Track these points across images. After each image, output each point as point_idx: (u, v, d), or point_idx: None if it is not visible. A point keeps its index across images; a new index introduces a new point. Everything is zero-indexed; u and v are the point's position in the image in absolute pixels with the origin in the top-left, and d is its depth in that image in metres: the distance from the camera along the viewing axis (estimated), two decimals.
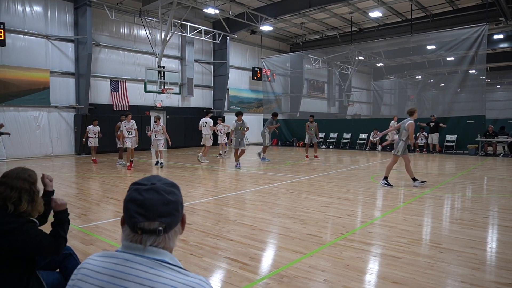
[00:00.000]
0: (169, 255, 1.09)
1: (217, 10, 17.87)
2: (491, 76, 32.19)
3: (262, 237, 4.71)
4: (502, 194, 7.40)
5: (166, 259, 1.07)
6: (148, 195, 1.07)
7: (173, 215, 1.10)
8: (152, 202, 1.06)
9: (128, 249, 1.08)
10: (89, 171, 11.52)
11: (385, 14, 21.21)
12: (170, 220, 1.08)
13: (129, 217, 1.08)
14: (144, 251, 1.07)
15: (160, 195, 1.08)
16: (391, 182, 8.37)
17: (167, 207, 1.08)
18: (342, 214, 5.82)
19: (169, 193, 1.10)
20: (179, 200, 1.13)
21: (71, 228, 5.10)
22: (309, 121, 14.83)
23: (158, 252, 1.07)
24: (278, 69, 25.38)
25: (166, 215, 1.08)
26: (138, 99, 18.91)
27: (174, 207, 1.10)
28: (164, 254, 1.08)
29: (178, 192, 1.15)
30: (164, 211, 1.07)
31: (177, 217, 1.12)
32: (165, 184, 1.12)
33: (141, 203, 1.06)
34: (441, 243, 4.36)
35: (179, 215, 1.13)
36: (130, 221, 1.07)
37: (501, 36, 23.22)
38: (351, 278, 3.39)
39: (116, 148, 17.75)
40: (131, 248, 1.08)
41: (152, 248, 1.07)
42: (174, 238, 1.13)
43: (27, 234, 2.14)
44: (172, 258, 1.09)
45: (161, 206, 1.07)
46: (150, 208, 1.06)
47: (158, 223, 1.06)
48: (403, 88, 33.85)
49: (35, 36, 15.25)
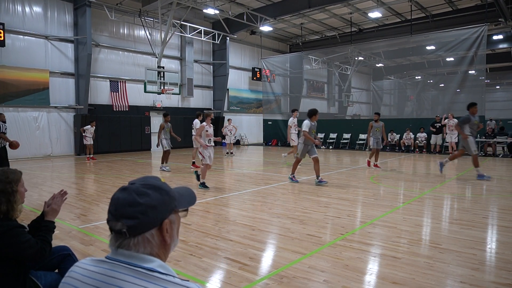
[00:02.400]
0: (157, 262, 1.03)
1: (216, 10, 17.88)
2: (491, 76, 32.23)
3: (261, 238, 4.71)
4: (501, 195, 7.40)
5: (153, 266, 1.01)
6: (120, 194, 1.05)
7: (137, 218, 1.01)
8: (119, 202, 1.03)
9: (114, 254, 1.05)
10: (89, 171, 11.51)
11: (384, 15, 21.23)
12: (133, 223, 1.01)
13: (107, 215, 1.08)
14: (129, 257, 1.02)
15: (129, 195, 1.03)
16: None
17: (132, 209, 1.01)
18: (342, 214, 5.82)
19: (140, 195, 1.03)
20: (150, 204, 1.03)
21: (71, 228, 5.11)
22: (374, 120, 11.77)
23: (144, 259, 1.02)
24: (278, 69, 25.39)
25: (129, 217, 1.01)
26: (138, 99, 18.90)
27: (140, 209, 1.02)
28: (151, 261, 1.02)
29: (158, 195, 1.05)
30: (128, 213, 1.01)
31: (144, 221, 1.02)
32: (142, 185, 1.06)
33: (113, 202, 1.05)
34: (440, 243, 4.37)
35: (149, 219, 1.03)
36: (106, 219, 1.08)
37: (501, 37, 23.26)
38: (351, 278, 3.39)
39: (118, 149, 17.93)
40: (112, 252, 1.05)
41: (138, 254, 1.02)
42: (146, 245, 1.03)
43: (15, 239, 2.14)
44: (161, 265, 1.03)
45: (126, 206, 1.02)
46: (117, 207, 1.03)
47: (121, 224, 1.01)
48: (402, 89, 33.87)
49: (35, 36, 15.25)
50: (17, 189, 2.31)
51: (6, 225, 2.16)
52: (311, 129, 8.56)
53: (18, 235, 2.19)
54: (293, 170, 9.05)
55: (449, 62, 25.70)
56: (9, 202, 2.24)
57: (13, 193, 2.27)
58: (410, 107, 30.30)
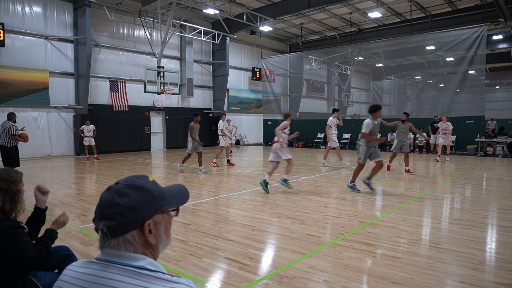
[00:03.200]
0: (147, 260, 1.02)
1: (216, 10, 17.87)
2: (490, 76, 32.25)
3: (261, 238, 4.71)
4: (501, 195, 7.40)
5: (144, 264, 1.01)
6: (104, 194, 1.05)
7: (115, 219, 1.00)
8: (101, 202, 1.04)
9: (104, 255, 1.04)
10: (89, 171, 11.51)
11: (384, 15, 21.23)
12: (111, 224, 1.00)
13: None
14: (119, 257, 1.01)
15: (110, 196, 1.03)
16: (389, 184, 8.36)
17: (111, 210, 1.01)
18: (342, 214, 5.82)
19: (121, 195, 1.02)
20: (129, 205, 1.01)
21: (70, 228, 5.11)
22: (401, 120, 10.47)
23: (132, 258, 1.01)
24: (278, 69, 25.38)
25: (108, 218, 1.01)
26: (138, 99, 18.90)
27: (118, 211, 1.00)
28: (140, 259, 1.02)
29: (139, 196, 1.03)
30: (107, 213, 1.01)
31: (122, 223, 1.00)
32: (125, 186, 1.04)
33: (99, 202, 1.06)
34: (440, 243, 4.37)
35: (127, 221, 1.01)
36: None
37: (500, 37, 23.27)
38: (351, 278, 3.39)
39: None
40: (104, 254, 1.04)
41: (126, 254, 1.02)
42: (127, 246, 1.02)
43: (14, 239, 2.15)
44: (151, 263, 1.03)
45: (106, 207, 1.02)
46: (99, 208, 1.04)
47: (102, 224, 1.02)
48: (402, 89, 33.88)
49: (35, 36, 15.24)
50: (20, 189, 2.34)
51: (6, 225, 2.17)
52: (373, 129, 7.41)
53: (18, 236, 2.19)
54: (353, 177, 7.72)
55: (449, 62, 25.71)
56: (13, 201, 2.27)
57: (17, 192, 2.30)
58: (410, 107, 30.32)
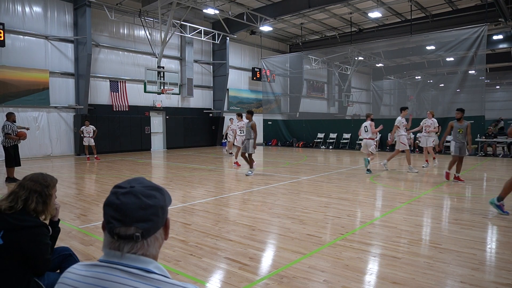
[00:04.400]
0: (154, 263, 1.03)
1: (216, 10, 17.87)
2: (491, 76, 32.22)
3: (261, 238, 4.71)
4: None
5: (150, 267, 1.01)
6: (125, 199, 1.02)
7: (151, 220, 1.02)
8: (128, 207, 1.00)
9: (108, 257, 1.03)
10: (89, 171, 11.51)
11: (384, 15, 21.22)
12: (147, 226, 1.02)
13: (106, 222, 1.03)
14: (122, 258, 1.01)
15: (138, 199, 1.02)
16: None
17: (145, 212, 1.01)
18: (342, 214, 5.82)
19: (148, 197, 1.03)
20: (159, 205, 1.05)
21: (71, 228, 5.12)
22: (455, 119, 8.76)
23: (140, 260, 1.01)
24: (278, 69, 25.39)
25: (143, 220, 1.01)
26: (138, 99, 18.90)
27: (152, 211, 1.03)
28: (147, 262, 1.02)
29: (161, 195, 1.07)
30: (141, 216, 1.01)
31: (157, 223, 1.04)
32: (145, 187, 1.06)
33: (117, 208, 1.01)
34: (440, 243, 4.37)
35: (159, 220, 1.05)
36: (107, 227, 1.02)
37: (501, 37, 23.24)
38: (351, 278, 3.39)
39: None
40: (110, 255, 1.02)
41: (132, 256, 1.01)
42: (155, 244, 1.05)
43: (39, 237, 2.27)
44: (157, 266, 1.03)
45: (138, 210, 1.01)
46: (126, 213, 1.00)
47: (134, 228, 1.00)
48: (402, 89, 33.85)
49: (35, 36, 15.24)
50: (52, 193, 2.47)
51: (34, 221, 2.30)
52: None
53: (43, 235, 2.32)
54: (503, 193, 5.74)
55: (449, 62, 25.70)
56: (45, 204, 2.39)
57: (49, 196, 2.43)
58: (410, 107, 30.17)
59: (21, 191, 2.34)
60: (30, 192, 2.34)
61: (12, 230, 2.18)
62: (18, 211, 2.26)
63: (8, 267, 2.15)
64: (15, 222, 2.21)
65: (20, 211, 2.27)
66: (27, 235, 2.22)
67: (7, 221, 2.20)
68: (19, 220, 2.22)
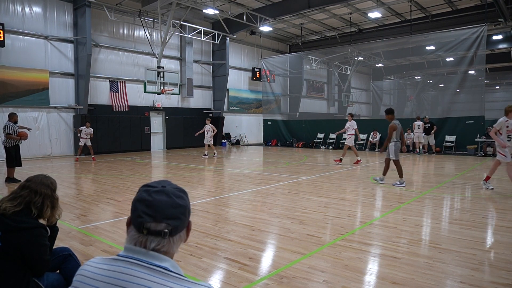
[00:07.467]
0: (171, 262, 1.08)
1: (216, 10, 17.87)
2: (490, 76, 32.24)
3: (261, 238, 4.71)
4: (501, 195, 7.40)
5: (167, 265, 1.05)
6: (157, 196, 1.09)
7: (180, 219, 1.10)
8: (161, 204, 1.08)
9: (130, 252, 1.07)
10: (89, 171, 11.51)
11: (384, 15, 21.23)
12: (176, 224, 1.09)
13: (136, 217, 1.08)
14: (145, 255, 1.06)
15: (170, 198, 1.09)
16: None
17: (175, 210, 1.09)
18: (342, 214, 5.82)
19: (178, 197, 1.11)
20: (187, 205, 1.14)
21: (70, 228, 5.11)
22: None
23: (159, 258, 1.06)
24: (278, 69, 25.39)
25: (173, 218, 1.08)
26: (138, 99, 18.90)
27: (181, 211, 1.11)
28: (165, 260, 1.07)
29: (187, 198, 1.16)
30: (172, 214, 1.08)
31: (184, 222, 1.12)
32: (175, 188, 1.14)
33: (149, 204, 1.07)
34: (440, 243, 4.37)
35: (186, 220, 1.14)
36: (137, 221, 1.07)
37: (500, 37, 23.27)
38: (351, 278, 3.39)
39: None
40: (134, 251, 1.07)
41: (154, 253, 1.06)
42: (178, 243, 1.13)
43: (38, 238, 2.25)
44: (174, 265, 1.08)
45: (169, 208, 1.08)
46: (158, 209, 1.07)
47: (165, 225, 1.07)
48: (402, 89, 33.88)
49: (35, 36, 15.24)
50: (58, 196, 2.47)
51: (33, 223, 2.27)
52: None
53: (41, 236, 2.29)
54: None
55: (448, 62, 25.72)
56: (52, 208, 2.39)
57: (57, 200, 2.44)
58: (410, 108, 30.30)
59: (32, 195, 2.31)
60: (44, 197, 2.34)
61: (10, 231, 2.17)
62: (17, 213, 2.24)
63: (7, 268, 2.14)
64: (14, 223, 2.19)
65: (19, 212, 2.25)
66: (25, 236, 2.20)
67: (5, 223, 2.18)
68: (17, 221, 2.20)
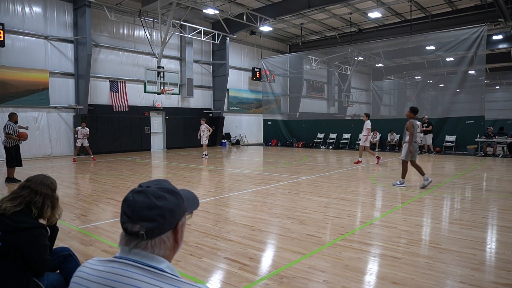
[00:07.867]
0: (166, 263, 1.05)
1: (216, 10, 17.87)
2: (490, 76, 32.23)
3: (261, 238, 4.71)
4: (501, 195, 7.40)
5: (162, 267, 1.03)
6: (137, 197, 1.06)
7: (156, 221, 1.04)
8: (137, 204, 1.05)
9: (122, 253, 1.07)
10: (89, 171, 11.51)
11: (384, 15, 21.23)
12: (151, 226, 1.03)
13: (120, 217, 1.08)
14: (129, 253, 1.05)
15: (147, 199, 1.05)
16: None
17: (150, 212, 1.04)
18: (342, 214, 5.82)
19: (158, 198, 1.06)
20: (168, 207, 1.06)
21: (70, 228, 5.11)
22: None
23: (152, 258, 1.04)
24: (278, 69, 25.39)
25: (148, 220, 1.03)
26: (138, 99, 18.90)
27: (158, 212, 1.04)
28: (159, 261, 1.05)
29: (174, 199, 1.09)
30: (147, 215, 1.04)
31: (162, 224, 1.05)
32: (159, 189, 1.08)
33: (129, 204, 1.06)
34: (440, 243, 4.37)
35: (166, 222, 1.06)
36: (120, 220, 1.08)
37: (500, 37, 23.27)
38: (351, 278, 3.39)
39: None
40: (125, 251, 1.06)
41: (141, 252, 1.04)
42: (161, 246, 1.06)
43: (37, 238, 2.25)
44: (169, 266, 1.05)
45: (144, 209, 1.04)
46: (134, 210, 1.04)
47: (139, 226, 1.03)
48: (402, 89, 33.87)
49: (35, 36, 15.23)
50: (58, 196, 2.46)
51: (33, 223, 2.27)
52: None
53: (41, 236, 2.28)
54: None
55: (448, 62, 25.71)
56: (53, 208, 2.39)
57: (57, 200, 2.43)
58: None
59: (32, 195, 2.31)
60: (44, 197, 2.33)
61: (10, 231, 2.17)
62: (17, 213, 2.24)
63: (8, 268, 2.14)
64: (14, 223, 2.19)
65: (19, 212, 2.25)
66: (26, 236, 2.20)
67: (5, 222, 2.18)
68: (17, 221, 2.20)
